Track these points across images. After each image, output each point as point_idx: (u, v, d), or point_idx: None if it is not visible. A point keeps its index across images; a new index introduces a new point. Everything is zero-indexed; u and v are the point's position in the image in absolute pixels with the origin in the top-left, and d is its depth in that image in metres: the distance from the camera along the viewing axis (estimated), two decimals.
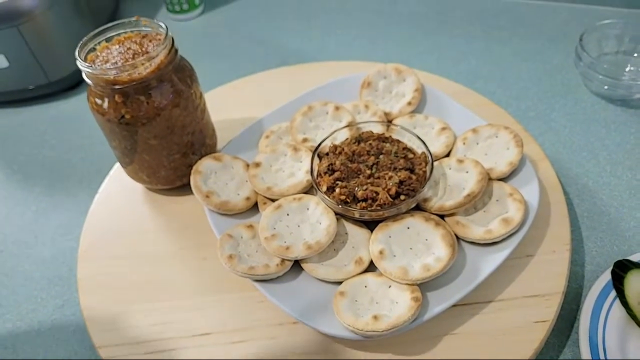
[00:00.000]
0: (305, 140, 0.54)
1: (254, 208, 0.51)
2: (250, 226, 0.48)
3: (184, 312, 0.46)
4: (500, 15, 0.82)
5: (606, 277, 0.45)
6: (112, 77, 0.45)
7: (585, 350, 0.40)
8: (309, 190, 0.50)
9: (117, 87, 0.45)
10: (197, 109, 0.52)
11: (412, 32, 0.81)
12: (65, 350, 0.48)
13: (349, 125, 0.53)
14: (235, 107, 0.64)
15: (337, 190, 0.46)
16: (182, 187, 0.55)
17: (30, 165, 0.68)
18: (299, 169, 0.51)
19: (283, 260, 0.44)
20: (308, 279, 0.45)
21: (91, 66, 0.45)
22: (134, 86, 0.46)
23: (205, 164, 0.51)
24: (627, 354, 0.40)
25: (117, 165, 0.60)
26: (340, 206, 0.45)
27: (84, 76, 0.47)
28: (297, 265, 0.46)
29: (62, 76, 0.77)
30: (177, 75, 0.49)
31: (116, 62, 0.47)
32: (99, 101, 0.47)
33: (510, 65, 0.72)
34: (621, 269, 0.45)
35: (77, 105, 0.77)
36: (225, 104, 0.65)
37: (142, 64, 0.45)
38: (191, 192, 0.53)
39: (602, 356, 0.40)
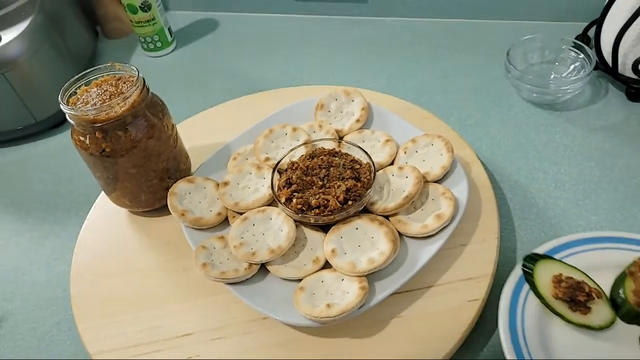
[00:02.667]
0: (267, 159, 0.61)
1: (225, 222, 0.58)
2: (222, 237, 0.54)
3: (168, 317, 0.52)
4: (443, 35, 0.91)
5: (519, 271, 0.49)
6: (91, 116, 0.52)
7: (505, 337, 0.44)
8: (272, 202, 0.57)
9: (97, 125, 0.52)
10: (170, 139, 0.59)
11: (364, 55, 0.90)
12: None
13: (305, 143, 0.60)
14: (206, 134, 0.71)
15: (294, 200, 0.53)
16: (161, 208, 0.62)
17: (23, 198, 0.74)
18: (263, 185, 0.58)
19: (251, 265, 0.51)
20: (273, 279, 0.52)
21: (73, 108, 0.52)
22: (111, 123, 0.53)
23: (180, 187, 0.58)
24: (548, 339, 0.45)
25: (102, 193, 0.66)
26: (297, 214, 0.52)
27: (67, 117, 0.54)
28: (263, 268, 0.52)
29: (47, 115, 0.83)
30: (150, 110, 0.56)
31: (95, 103, 0.54)
32: (81, 138, 0.54)
33: (452, 80, 0.80)
34: (531, 262, 0.48)
35: (62, 141, 0.84)
36: (197, 132, 0.72)
37: (118, 104, 0.52)
38: (170, 212, 0.60)
39: (522, 343, 0.44)
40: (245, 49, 0.97)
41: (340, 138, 0.64)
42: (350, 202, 0.52)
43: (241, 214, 0.56)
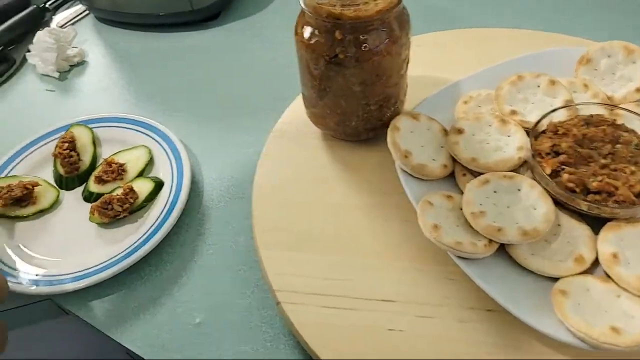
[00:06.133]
0: (513, 112, 0.48)
1: (449, 177, 0.47)
2: (450, 196, 0.43)
3: (365, 272, 0.43)
4: None
5: None
6: (338, 10, 0.41)
7: None
8: (517, 169, 0.45)
9: (340, 21, 0.42)
10: (404, 62, 0.47)
11: (605, 5, 0.71)
12: (234, 282, 0.48)
13: (568, 105, 0.46)
14: (416, 64, 0.59)
15: (565, 176, 0.40)
16: (362, 141, 0.52)
17: (170, 91, 0.69)
18: (507, 144, 0.46)
19: (491, 241, 0.40)
20: (513, 267, 0.40)
21: None
22: (356, 24, 0.42)
23: (403, 121, 0.47)
24: None
25: (291, 105, 0.58)
26: (565, 194, 0.40)
27: (301, 4, 0.44)
28: (499, 249, 0.41)
29: (205, 5, 0.76)
30: (397, 21, 0.44)
31: None
32: (310, 34, 0.44)
33: None
34: None
35: (213, 38, 0.77)
36: None
37: (375, 1, 0.41)
38: (372, 147, 0.51)
39: None
40: None
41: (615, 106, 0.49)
42: None
43: (475, 173, 0.45)
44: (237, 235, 0.51)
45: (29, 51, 0.75)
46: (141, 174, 0.56)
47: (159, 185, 0.54)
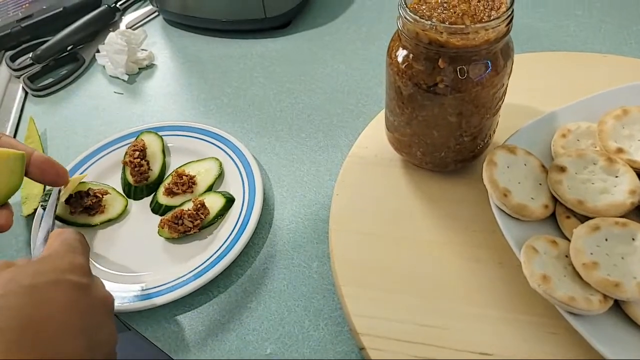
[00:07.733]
0: (620, 150, 0.44)
1: (548, 218, 0.43)
2: (554, 242, 0.40)
3: (455, 319, 0.40)
4: None
5: None
6: (445, 38, 0.38)
7: None
8: (627, 214, 0.41)
9: (443, 49, 0.39)
10: (504, 92, 0.44)
11: None
12: (307, 311, 0.46)
13: None
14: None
15: None
16: (448, 172, 0.49)
17: (240, 100, 0.67)
18: (614, 186, 0.42)
19: (605, 297, 0.37)
20: (628, 324, 0.37)
21: (421, 19, 0.39)
22: (460, 53, 0.39)
23: (500, 155, 0.44)
24: None
25: (369, 126, 0.55)
26: None
27: (399, 26, 0.41)
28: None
29: (278, 13, 0.74)
30: (502, 50, 0.41)
31: (443, 20, 0.40)
32: (406, 60, 0.41)
33: None
34: None
35: (283, 46, 0.74)
36: None
37: (486, 30, 0.38)
38: (457, 180, 0.48)
39: None
40: None
41: None
42: None
43: (581, 217, 0.41)
44: (310, 260, 0.49)
45: (98, 51, 0.74)
46: (210, 188, 0.54)
47: (230, 201, 0.52)
